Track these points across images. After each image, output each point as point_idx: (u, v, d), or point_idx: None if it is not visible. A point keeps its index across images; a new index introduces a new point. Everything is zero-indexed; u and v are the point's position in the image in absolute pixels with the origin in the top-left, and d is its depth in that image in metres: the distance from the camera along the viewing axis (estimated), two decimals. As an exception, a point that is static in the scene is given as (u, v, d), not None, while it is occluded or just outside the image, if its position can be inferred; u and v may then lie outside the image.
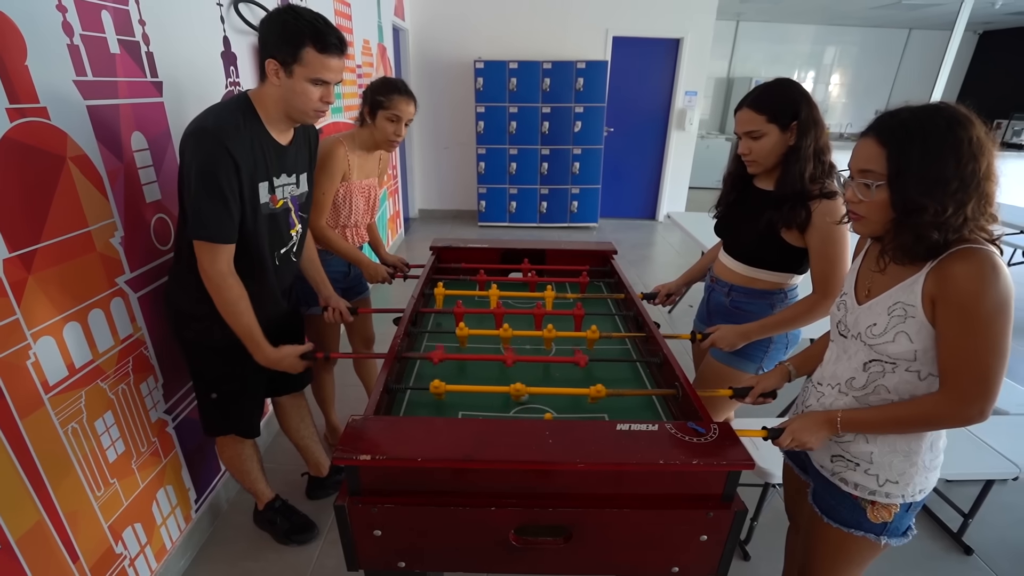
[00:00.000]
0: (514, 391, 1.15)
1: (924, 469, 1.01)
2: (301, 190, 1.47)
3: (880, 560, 1.12)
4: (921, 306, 0.90)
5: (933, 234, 0.85)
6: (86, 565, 1.28)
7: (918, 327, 0.91)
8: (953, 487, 2.07)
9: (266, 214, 1.34)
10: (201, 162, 1.18)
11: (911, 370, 0.95)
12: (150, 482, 1.52)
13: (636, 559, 0.98)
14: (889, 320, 0.94)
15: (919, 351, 0.92)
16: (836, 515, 1.09)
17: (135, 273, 1.41)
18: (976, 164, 0.83)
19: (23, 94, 1.06)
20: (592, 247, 2.10)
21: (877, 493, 1.02)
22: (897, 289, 0.94)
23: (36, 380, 1.13)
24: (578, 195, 5.65)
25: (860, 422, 1.00)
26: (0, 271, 1.04)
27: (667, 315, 3.69)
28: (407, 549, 0.97)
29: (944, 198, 0.83)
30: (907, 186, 0.85)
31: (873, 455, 1.02)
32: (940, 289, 0.87)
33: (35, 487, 1.13)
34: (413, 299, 1.60)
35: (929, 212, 0.84)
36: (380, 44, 4.16)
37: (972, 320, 0.84)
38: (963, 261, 0.84)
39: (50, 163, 1.14)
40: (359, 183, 1.83)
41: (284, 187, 1.39)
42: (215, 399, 1.51)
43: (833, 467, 1.08)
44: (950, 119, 0.84)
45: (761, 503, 1.79)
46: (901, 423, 0.96)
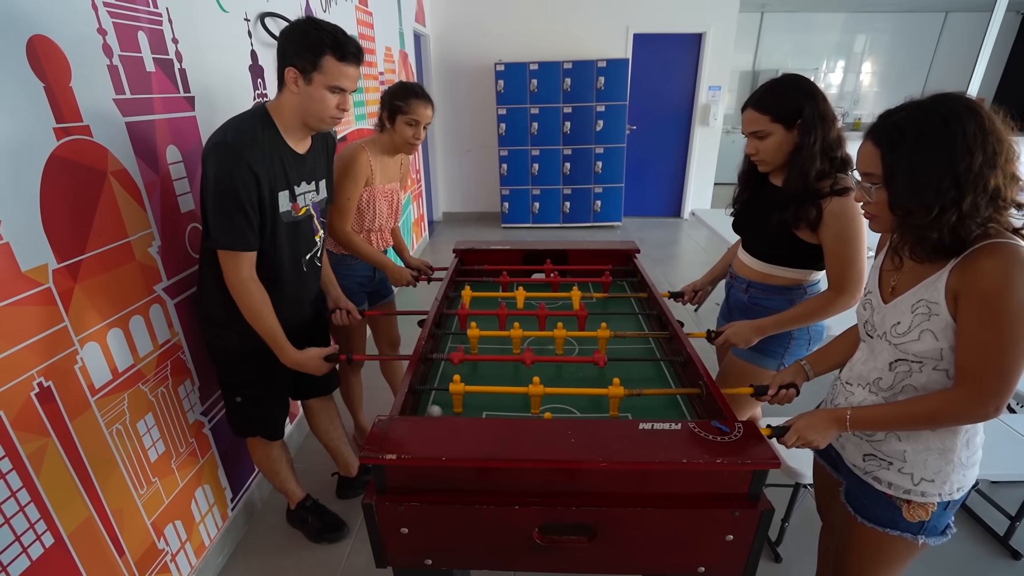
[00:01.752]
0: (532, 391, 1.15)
1: (961, 466, 0.98)
2: (321, 196, 1.52)
3: (922, 565, 1.08)
4: (945, 303, 0.88)
5: (932, 234, 0.84)
6: (131, 559, 1.35)
7: (943, 325, 0.89)
8: (999, 489, 1.98)
9: (288, 222, 1.38)
10: (222, 176, 1.22)
11: (939, 369, 0.93)
12: (189, 481, 1.58)
13: (661, 558, 0.98)
14: (913, 318, 0.92)
15: (945, 349, 0.90)
16: (871, 514, 1.06)
17: (172, 280, 1.48)
18: (972, 158, 0.80)
19: (68, 114, 1.13)
20: (614, 246, 2.09)
21: (912, 492, 1.00)
22: (920, 287, 0.92)
23: (83, 383, 1.19)
24: (601, 194, 5.62)
25: (871, 419, 0.98)
26: (50, 281, 1.10)
27: (694, 314, 3.63)
28: (433, 547, 0.99)
29: (931, 200, 0.82)
30: (896, 187, 0.85)
31: (906, 453, 0.99)
32: (964, 285, 0.85)
33: (84, 485, 1.20)
34: (437, 301, 1.62)
35: (917, 215, 0.84)
36: (402, 51, 4.23)
37: (996, 317, 0.82)
38: (988, 257, 0.82)
39: (93, 178, 1.20)
40: (382, 187, 1.87)
41: (305, 195, 1.43)
42: (240, 403, 1.57)
43: (866, 466, 1.05)
44: (947, 114, 0.82)
45: (792, 504, 1.75)
46: (914, 418, 0.94)
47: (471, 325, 1.41)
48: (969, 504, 1.93)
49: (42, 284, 1.08)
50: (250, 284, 1.32)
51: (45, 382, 1.09)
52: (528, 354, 1.31)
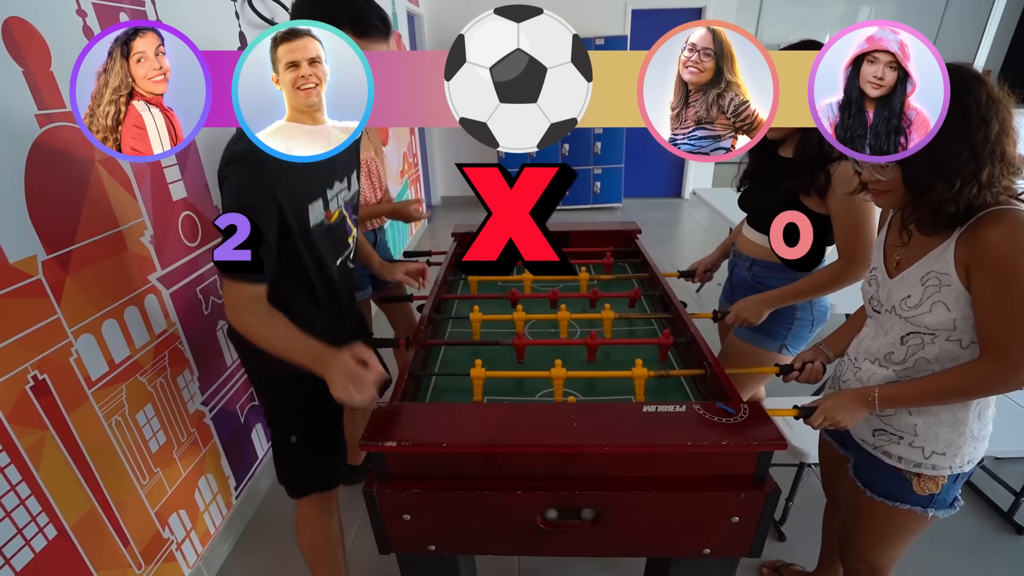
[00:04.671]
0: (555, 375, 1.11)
1: (972, 439, 0.98)
2: (352, 191, 1.29)
3: (927, 541, 1.08)
4: (955, 273, 0.87)
5: (950, 207, 0.83)
6: (136, 549, 1.35)
7: (955, 295, 0.88)
8: (1003, 465, 1.98)
9: (322, 231, 1.15)
10: (238, 196, 1.01)
11: (952, 339, 0.92)
12: (191, 471, 1.58)
13: (666, 540, 0.98)
14: (924, 291, 0.91)
15: (958, 319, 0.89)
16: (880, 489, 1.06)
17: (166, 270, 1.45)
18: (988, 128, 0.79)
19: (50, 100, 1.09)
20: (615, 227, 2.06)
21: (923, 465, 0.99)
22: (928, 258, 0.91)
23: (79, 376, 1.18)
24: (600, 175, 5.56)
25: (900, 397, 0.96)
26: (40, 272, 1.08)
27: (695, 294, 3.62)
28: (436, 533, 0.98)
29: (953, 173, 0.81)
30: (915, 164, 0.82)
31: (917, 427, 0.98)
32: (973, 255, 0.84)
33: (85, 477, 1.19)
34: (436, 285, 1.60)
35: (938, 189, 0.82)
36: (395, 31, 4.14)
37: (1011, 284, 0.81)
38: (995, 225, 0.82)
39: (80, 166, 1.17)
40: None
41: (338, 196, 1.21)
42: (295, 444, 1.27)
43: (875, 440, 1.05)
44: (957, 85, 0.79)
45: (796, 483, 1.75)
46: (946, 393, 0.93)
47: (474, 309, 1.38)
48: (973, 480, 1.93)
49: (32, 276, 1.06)
50: (245, 317, 1.04)
51: (40, 375, 1.08)
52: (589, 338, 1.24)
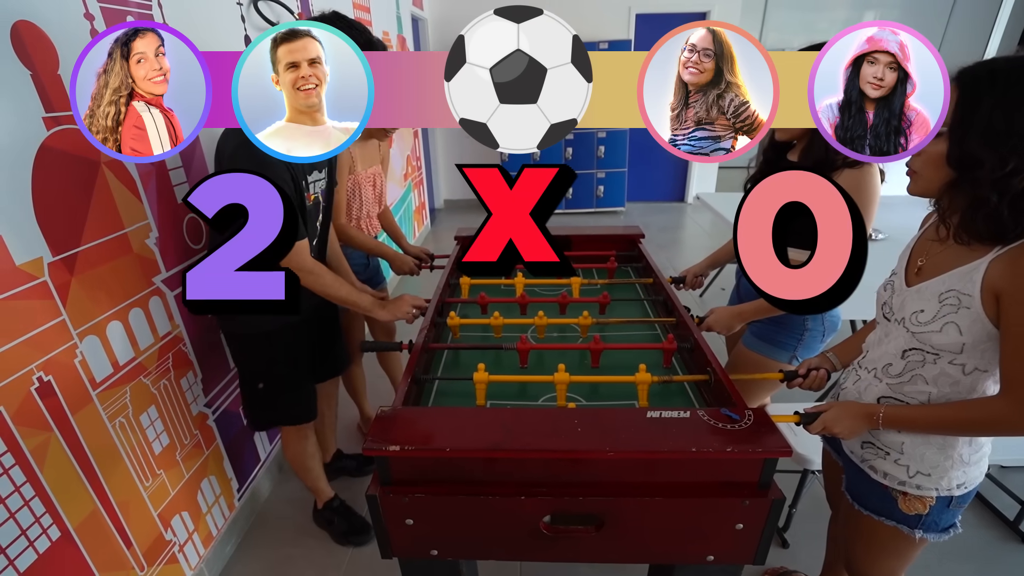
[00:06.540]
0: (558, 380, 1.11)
1: (962, 463, 0.94)
2: (328, 182, 1.49)
3: (928, 549, 1.06)
4: (979, 297, 0.81)
5: (991, 196, 0.76)
6: (139, 551, 1.35)
7: (972, 319, 0.83)
8: (1009, 473, 1.96)
9: (304, 210, 1.35)
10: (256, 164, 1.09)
11: (955, 363, 0.88)
12: (194, 473, 1.58)
13: (669, 547, 0.97)
14: (939, 308, 0.86)
15: (968, 344, 0.85)
16: (867, 503, 1.04)
17: (171, 272, 1.46)
18: None
19: (58, 103, 1.10)
20: (619, 231, 2.06)
21: (907, 484, 0.97)
22: (952, 275, 0.85)
23: (84, 377, 1.18)
24: (604, 179, 5.56)
25: (906, 420, 0.92)
26: (46, 274, 1.08)
27: (698, 299, 3.61)
28: (439, 538, 0.97)
29: (1007, 151, 0.74)
30: (968, 135, 0.77)
31: (904, 445, 0.96)
32: (1011, 283, 0.78)
33: (89, 478, 1.19)
34: (439, 289, 1.60)
35: (986, 167, 0.75)
36: (400, 35, 4.16)
37: None
38: None
39: (86, 168, 1.18)
40: (365, 173, 1.84)
41: (316, 183, 1.40)
42: (262, 389, 1.52)
43: (863, 453, 1.03)
44: None
45: (800, 490, 1.73)
46: (957, 426, 0.88)
47: (450, 315, 1.39)
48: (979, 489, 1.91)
49: (38, 278, 1.07)
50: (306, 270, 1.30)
51: (45, 376, 1.08)
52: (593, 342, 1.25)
